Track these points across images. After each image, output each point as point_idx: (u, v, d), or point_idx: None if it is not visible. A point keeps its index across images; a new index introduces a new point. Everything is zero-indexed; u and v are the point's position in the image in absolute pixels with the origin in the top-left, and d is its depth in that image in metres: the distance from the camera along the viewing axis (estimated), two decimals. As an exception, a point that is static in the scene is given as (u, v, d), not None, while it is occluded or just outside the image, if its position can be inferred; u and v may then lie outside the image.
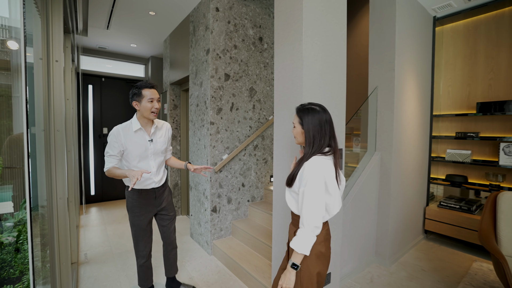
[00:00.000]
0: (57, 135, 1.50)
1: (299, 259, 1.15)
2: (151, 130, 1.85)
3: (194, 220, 3.18)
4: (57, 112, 1.51)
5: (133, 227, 1.92)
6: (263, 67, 3.17)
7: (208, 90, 2.77)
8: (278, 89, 1.83)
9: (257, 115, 3.15)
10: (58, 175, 1.51)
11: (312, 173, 1.14)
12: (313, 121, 1.20)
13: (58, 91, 1.50)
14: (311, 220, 1.12)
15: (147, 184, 1.87)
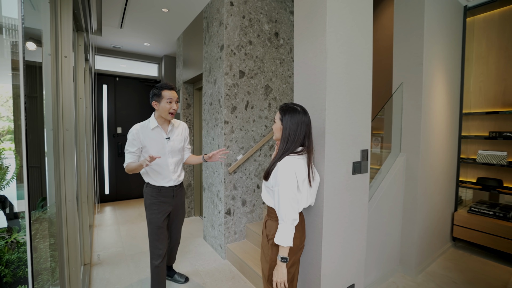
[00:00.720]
0: (66, 135, 1.43)
1: (286, 251, 1.25)
2: (168, 128, 1.92)
3: (207, 222, 3.09)
4: (66, 110, 1.43)
5: (150, 225, 1.92)
6: (279, 64, 3.03)
7: (222, 88, 2.66)
8: (298, 86, 1.69)
9: (273, 114, 3.02)
10: (67, 176, 1.44)
11: (284, 174, 1.25)
12: (291, 120, 1.32)
13: (67, 88, 1.42)
14: (288, 215, 1.24)
15: (166, 181, 1.92)
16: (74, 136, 2.44)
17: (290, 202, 1.24)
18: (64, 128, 1.43)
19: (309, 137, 1.36)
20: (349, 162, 1.66)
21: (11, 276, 2.19)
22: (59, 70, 1.39)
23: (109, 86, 4.81)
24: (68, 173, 1.44)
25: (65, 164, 1.43)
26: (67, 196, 1.45)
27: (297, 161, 1.30)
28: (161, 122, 1.89)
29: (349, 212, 1.69)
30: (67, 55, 1.42)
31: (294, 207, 1.25)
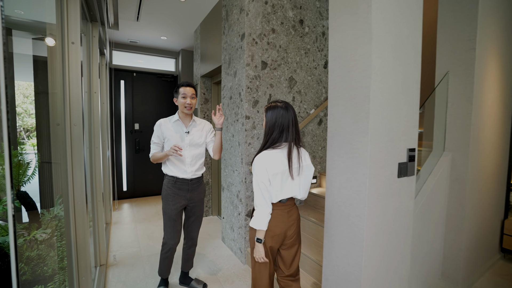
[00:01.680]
0: (74, 130, 1.27)
1: (259, 234, 1.39)
2: (189, 123, 2.02)
3: (226, 224, 2.92)
4: (74, 103, 1.28)
5: (165, 216, 2.01)
6: (303, 54, 2.79)
7: (243, 80, 2.46)
8: (334, 74, 1.46)
9: (297, 108, 2.79)
10: (75, 173, 1.29)
11: (256, 168, 1.36)
12: (271, 115, 1.40)
13: (74, 78, 1.27)
14: (257, 202, 1.37)
15: (181, 172, 1.98)
16: (88, 132, 2.33)
17: (259, 192, 1.36)
18: (72, 123, 1.27)
19: (288, 129, 1.39)
20: (394, 163, 1.41)
21: (31, 274, 2.11)
22: (65, 58, 1.24)
23: (127, 81, 4.74)
24: (76, 170, 1.30)
25: (73, 161, 1.28)
26: (76, 195, 1.31)
27: (271, 156, 1.37)
28: (182, 117, 2.01)
29: (393, 221, 1.45)
30: (74, 41, 1.26)
31: (262, 197, 1.36)
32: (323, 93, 2.98)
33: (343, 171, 1.42)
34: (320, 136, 2.99)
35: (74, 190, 1.31)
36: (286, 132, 1.39)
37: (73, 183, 1.29)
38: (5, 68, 0.56)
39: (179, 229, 2.03)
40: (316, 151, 2.96)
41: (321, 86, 2.96)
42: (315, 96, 2.92)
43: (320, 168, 3.03)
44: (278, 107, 1.39)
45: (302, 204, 2.92)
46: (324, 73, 2.97)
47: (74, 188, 1.31)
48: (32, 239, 2.47)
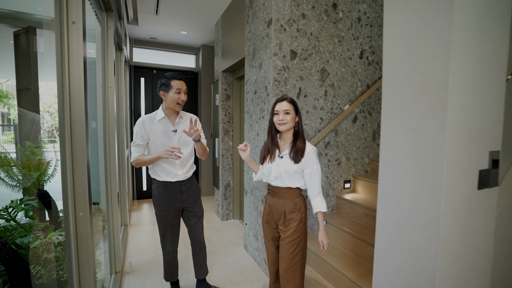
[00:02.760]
0: (75, 127, 1.07)
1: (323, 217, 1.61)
2: (176, 120, 1.82)
3: (250, 231, 2.67)
4: (75, 96, 1.07)
5: (160, 221, 1.88)
6: (337, 42, 2.47)
7: (270, 72, 2.19)
8: (391, 56, 1.15)
9: (330, 103, 2.48)
10: (76, 174, 1.09)
11: (316, 156, 1.58)
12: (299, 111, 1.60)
13: (76, 66, 1.06)
14: (321, 189, 1.61)
15: (172, 176, 1.81)
16: (103, 130, 2.17)
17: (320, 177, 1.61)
18: (73, 119, 1.07)
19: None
20: (474, 171, 1.08)
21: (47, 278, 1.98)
22: (64, 41, 1.03)
23: (147, 79, 4.64)
24: (78, 169, 1.09)
25: (74, 159, 1.07)
26: (78, 196, 1.10)
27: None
28: (168, 114, 1.81)
29: (469, 245, 1.12)
30: (75, 20, 1.05)
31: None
32: (359, 87, 2.65)
33: (404, 180, 1.11)
34: (355, 135, 2.66)
35: (75, 191, 1.10)
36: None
37: (73, 183, 1.09)
38: None
39: (177, 232, 1.94)
40: (350, 152, 2.63)
41: (356, 78, 2.62)
42: (350, 90, 2.59)
43: (355, 171, 2.69)
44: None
45: (334, 211, 2.60)
46: (359, 64, 2.63)
47: (75, 189, 1.10)
48: (48, 241, 2.33)
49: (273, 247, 1.71)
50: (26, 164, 2.60)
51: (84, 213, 1.12)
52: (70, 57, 1.06)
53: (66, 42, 1.05)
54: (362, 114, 2.69)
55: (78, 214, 1.11)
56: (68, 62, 1.05)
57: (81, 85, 1.09)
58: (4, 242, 1.58)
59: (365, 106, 2.70)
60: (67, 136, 1.05)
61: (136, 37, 4.44)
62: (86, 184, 1.13)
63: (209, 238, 3.13)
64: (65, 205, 1.07)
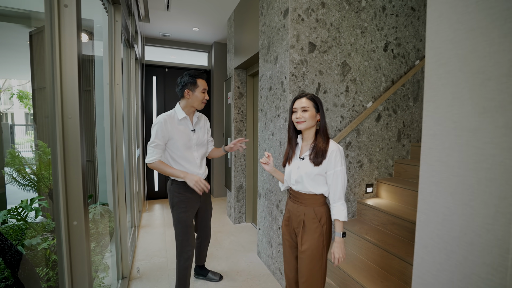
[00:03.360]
0: (68, 124, 0.94)
1: (342, 227, 1.39)
2: (194, 120, 1.84)
3: (263, 237, 2.50)
4: (68, 90, 0.94)
5: (180, 224, 1.79)
6: (359, 34, 2.26)
7: (286, 66, 2.01)
8: (437, 39, 0.95)
9: (351, 100, 2.27)
10: (69, 173, 0.96)
11: (341, 156, 1.37)
12: (322, 107, 1.42)
13: (68, 55, 0.93)
14: (343, 194, 1.38)
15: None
16: (110, 128, 2.07)
17: (346, 183, 1.48)
18: (65, 115, 0.93)
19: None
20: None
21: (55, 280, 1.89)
22: (55, 27, 0.90)
23: (159, 77, 4.56)
24: (71, 172, 0.96)
25: (66, 161, 0.94)
26: (70, 204, 0.97)
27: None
28: (188, 113, 1.80)
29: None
30: (67, 3, 0.92)
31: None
32: (383, 82, 2.43)
33: (455, 190, 0.91)
34: (378, 135, 2.44)
35: (68, 196, 0.97)
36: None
37: (65, 187, 0.96)
38: None
39: (193, 233, 1.93)
40: (373, 153, 2.42)
41: (380, 73, 2.40)
42: (373, 86, 2.38)
43: (378, 175, 2.47)
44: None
45: (355, 218, 2.40)
46: (384, 58, 2.41)
47: (68, 193, 0.97)
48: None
49: (292, 256, 1.54)
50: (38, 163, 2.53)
51: (79, 221, 0.99)
52: (62, 46, 0.93)
53: (57, 29, 0.91)
54: (386, 112, 2.47)
55: (72, 223, 0.98)
56: (59, 51, 0.92)
57: (75, 78, 0.96)
58: (10, 245, 1.50)
59: (389, 104, 2.48)
60: (58, 134, 0.92)
61: (148, 35, 4.36)
62: (80, 188, 0.99)
63: (221, 242, 2.99)
64: (56, 212, 0.94)
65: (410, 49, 2.56)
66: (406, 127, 2.61)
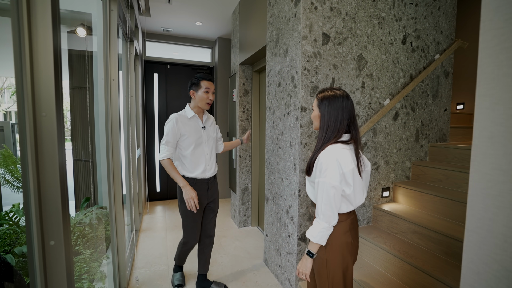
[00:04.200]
0: (43, 122, 0.78)
1: (315, 248, 1.15)
2: (204, 118, 1.94)
3: (271, 244, 2.33)
4: (42, 82, 0.77)
5: (186, 218, 1.90)
6: (377, 25, 2.07)
7: (298, 59, 1.83)
8: (496, 18, 0.77)
9: (367, 97, 2.09)
10: (44, 175, 0.80)
11: (326, 164, 1.10)
12: (330, 105, 1.17)
13: (41, 38, 0.76)
14: (325, 211, 1.10)
15: (202, 172, 1.89)
16: (105, 126, 1.91)
17: (329, 196, 1.09)
18: (38, 112, 0.77)
19: (354, 124, 1.19)
20: None
21: None
22: (23, 14, 0.73)
23: (160, 74, 4.40)
24: (47, 169, 0.80)
25: (39, 164, 0.78)
26: (46, 219, 0.81)
27: (342, 150, 1.13)
28: (197, 112, 1.90)
29: None
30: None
31: (333, 203, 1.10)
32: (401, 78, 2.24)
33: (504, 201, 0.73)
34: (395, 134, 2.25)
35: (42, 209, 0.81)
36: (353, 125, 1.19)
37: (38, 193, 0.79)
38: None
39: (200, 227, 1.98)
40: (389, 154, 2.23)
41: (398, 68, 2.21)
42: (390, 81, 2.19)
43: (395, 177, 2.29)
44: (337, 95, 1.17)
45: (371, 224, 2.21)
46: (402, 51, 2.22)
47: (42, 205, 0.81)
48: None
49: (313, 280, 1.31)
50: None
51: (57, 241, 0.83)
52: (33, 37, 0.77)
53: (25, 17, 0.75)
54: (404, 110, 2.28)
55: (48, 243, 0.81)
56: (29, 42, 0.76)
57: (50, 71, 0.79)
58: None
59: (407, 101, 2.29)
60: (29, 135, 0.75)
61: (149, 30, 4.20)
62: (58, 199, 0.83)
63: (225, 248, 2.82)
64: (27, 230, 0.78)
65: (429, 42, 2.36)
66: (425, 127, 2.42)
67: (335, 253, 1.17)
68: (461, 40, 2.48)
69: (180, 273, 2.19)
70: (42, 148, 0.79)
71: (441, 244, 1.65)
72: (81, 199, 2.34)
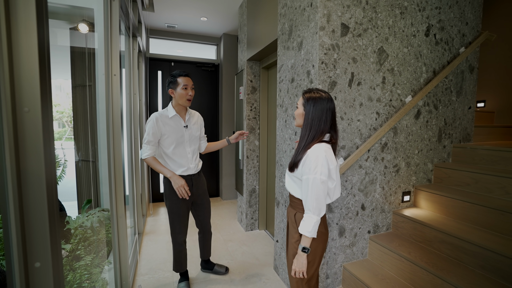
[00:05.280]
0: (26, 118, 0.64)
1: (309, 242, 1.20)
2: (186, 117, 1.91)
3: (282, 251, 2.18)
4: (23, 73, 0.64)
5: (171, 214, 1.93)
6: (399, 15, 1.91)
7: (314, 52, 1.68)
8: None
9: (388, 94, 1.93)
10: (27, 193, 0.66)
11: (316, 161, 1.16)
12: (316, 106, 1.22)
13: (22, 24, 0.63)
14: (317, 205, 1.17)
15: (184, 170, 1.89)
16: (106, 124, 1.77)
17: (320, 192, 1.17)
18: (19, 108, 0.63)
19: (335, 126, 1.28)
20: None
21: None
22: None
23: (164, 72, 4.26)
24: (30, 184, 0.66)
25: (21, 163, 0.65)
26: (29, 230, 0.67)
27: (328, 149, 1.23)
28: (178, 110, 1.88)
29: None
30: None
31: (323, 198, 1.18)
32: (423, 73, 2.07)
33: None
34: (417, 134, 2.09)
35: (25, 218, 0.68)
36: (334, 127, 1.28)
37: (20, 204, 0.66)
38: None
39: (187, 223, 2.00)
40: (410, 156, 2.07)
41: (420, 62, 2.05)
42: (412, 77, 2.03)
43: (416, 181, 2.13)
44: (323, 97, 1.23)
45: (391, 231, 2.06)
46: (425, 44, 2.05)
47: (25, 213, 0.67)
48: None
49: None
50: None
51: (44, 263, 0.69)
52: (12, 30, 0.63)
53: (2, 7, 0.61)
54: (427, 107, 2.12)
55: (32, 265, 0.67)
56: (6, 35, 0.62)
57: (34, 58, 0.66)
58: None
59: (430, 98, 2.13)
60: (7, 133, 0.61)
61: (153, 27, 4.07)
62: (45, 211, 0.70)
63: (232, 253, 2.68)
64: (6, 249, 0.64)
65: (454, 34, 2.19)
66: (448, 126, 2.25)
67: (316, 242, 1.26)
68: (488, 32, 2.30)
69: (185, 282, 2.07)
70: (25, 149, 0.65)
71: (476, 257, 1.49)
72: (83, 201, 2.24)
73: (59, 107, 3.36)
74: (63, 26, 2.24)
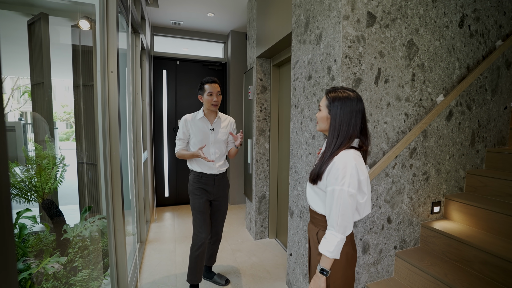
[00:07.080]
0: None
1: (329, 264, 1.04)
2: (214, 120, 2.00)
3: (297, 266, 1.98)
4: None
5: (194, 211, 1.97)
6: (430, 3, 1.69)
7: (337, 45, 1.47)
8: None
9: (418, 92, 1.71)
10: None
11: (344, 170, 1.01)
12: (343, 107, 1.06)
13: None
14: (342, 222, 1.01)
15: (207, 168, 1.96)
16: (102, 125, 1.60)
17: (348, 206, 1.00)
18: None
19: (366, 130, 1.10)
20: None
21: None
22: None
23: (169, 71, 4.10)
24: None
25: None
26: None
27: (358, 157, 1.06)
28: (207, 114, 1.99)
29: None
30: None
31: (351, 214, 1.01)
32: (456, 69, 1.85)
33: None
34: (449, 138, 1.86)
35: None
36: (365, 131, 1.09)
37: None
38: None
39: (209, 222, 2.00)
40: (441, 162, 1.85)
41: (453, 57, 1.82)
42: (444, 73, 1.80)
43: (446, 190, 1.90)
44: (350, 97, 1.05)
45: (419, 246, 1.83)
46: (458, 36, 1.83)
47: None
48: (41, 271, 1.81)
49: None
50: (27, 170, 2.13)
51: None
52: None
53: None
54: (459, 108, 1.89)
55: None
56: None
57: None
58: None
59: (463, 97, 1.90)
60: None
61: (157, 24, 3.91)
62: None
63: (241, 264, 2.49)
64: None
65: (490, 25, 1.96)
66: (482, 128, 2.01)
67: (345, 266, 1.11)
68: (529, 23, 2.05)
69: None
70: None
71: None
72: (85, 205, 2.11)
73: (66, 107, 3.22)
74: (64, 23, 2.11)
